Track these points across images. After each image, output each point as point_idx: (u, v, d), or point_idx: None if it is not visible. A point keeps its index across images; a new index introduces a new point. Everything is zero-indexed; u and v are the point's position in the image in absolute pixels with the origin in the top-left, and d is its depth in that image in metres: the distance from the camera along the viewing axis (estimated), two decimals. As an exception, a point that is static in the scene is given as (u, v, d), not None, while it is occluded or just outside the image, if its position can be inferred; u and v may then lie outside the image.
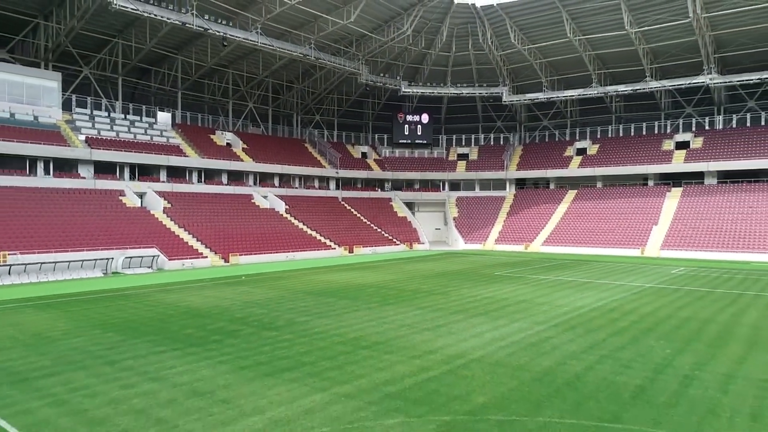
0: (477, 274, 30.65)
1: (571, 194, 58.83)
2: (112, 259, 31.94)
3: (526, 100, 61.15)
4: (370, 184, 64.76)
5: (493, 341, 14.45)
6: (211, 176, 51.15)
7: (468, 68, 62.36)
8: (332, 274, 31.06)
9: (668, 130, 59.88)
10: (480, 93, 62.80)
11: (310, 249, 44.47)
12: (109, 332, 15.76)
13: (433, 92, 62.54)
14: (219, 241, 40.17)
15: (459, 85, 63.29)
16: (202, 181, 50.07)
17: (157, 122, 50.80)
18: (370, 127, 70.85)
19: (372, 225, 55.42)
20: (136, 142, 46.26)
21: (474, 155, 67.00)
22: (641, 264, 37.12)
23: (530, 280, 27.81)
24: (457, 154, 67.70)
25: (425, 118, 67.27)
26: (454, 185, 65.33)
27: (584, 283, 26.53)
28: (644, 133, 61.24)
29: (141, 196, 43.15)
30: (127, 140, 45.83)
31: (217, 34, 43.86)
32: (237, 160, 52.23)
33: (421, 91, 62.17)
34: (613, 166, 57.57)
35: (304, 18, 47.59)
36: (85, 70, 48.08)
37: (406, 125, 67.18)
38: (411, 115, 67.30)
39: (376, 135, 70.22)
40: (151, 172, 47.01)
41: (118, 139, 45.35)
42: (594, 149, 61.43)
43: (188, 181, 48.65)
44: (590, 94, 58.03)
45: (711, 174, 53.26)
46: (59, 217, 35.50)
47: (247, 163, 52.87)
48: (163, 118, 51.60)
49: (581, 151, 62.03)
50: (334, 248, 46.46)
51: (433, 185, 65.71)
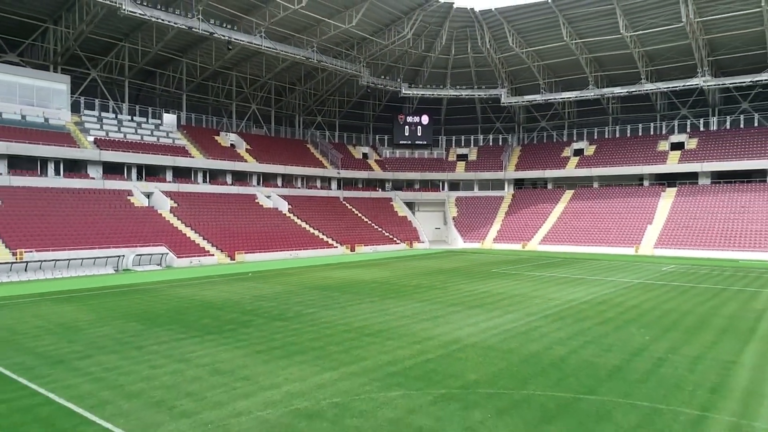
0: (475, 271, 31.84)
1: (569, 194, 59.99)
2: (123, 256, 33.13)
3: (524, 102, 62.35)
4: (371, 184, 65.95)
5: (486, 330, 15.64)
6: (215, 176, 52.34)
7: (467, 70, 63.56)
8: (335, 271, 32.25)
9: (663, 131, 61.07)
10: (479, 95, 63.99)
11: (313, 247, 45.66)
12: (131, 322, 16.95)
13: (433, 94, 63.77)
14: (225, 239, 41.37)
15: (458, 87, 64.49)
16: (207, 181, 51.27)
17: (162, 123, 52.00)
18: (371, 128, 72.03)
19: (373, 224, 56.60)
20: (143, 143, 47.46)
21: (473, 156, 68.19)
22: (634, 262, 38.29)
23: (525, 277, 29.00)
24: (457, 155, 68.90)
25: (425, 119, 68.47)
26: (454, 185, 66.52)
27: (577, 279, 27.71)
28: (640, 134, 62.40)
29: (148, 195, 44.33)
30: (135, 141, 47.03)
31: (223, 38, 45.06)
32: (241, 161, 53.42)
33: (421, 93, 63.40)
34: (610, 167, 58.74)
35: (306, 22, 48.78)
36: (93, 73, 49.25)
37: (407, 126, 68.39)
38: (411, 117, 68.51)
39: (377, 136, 71.41)
40: (157, 172, 48.19)
41: (126, 141, 46.54)
42: (591, 150, 62.59)
43: (194, 182, 49.84)
44: (587, 96, 59.21)
45: (705, 174, 54.41)
46: (71, 216, 36.70)
47: (251, 164, 54.06)
48: (169, 120, 52.80)
49: (578, 152, 63.18)
50: (337, 247, 47.65)
51: (432, 185, 66.90)
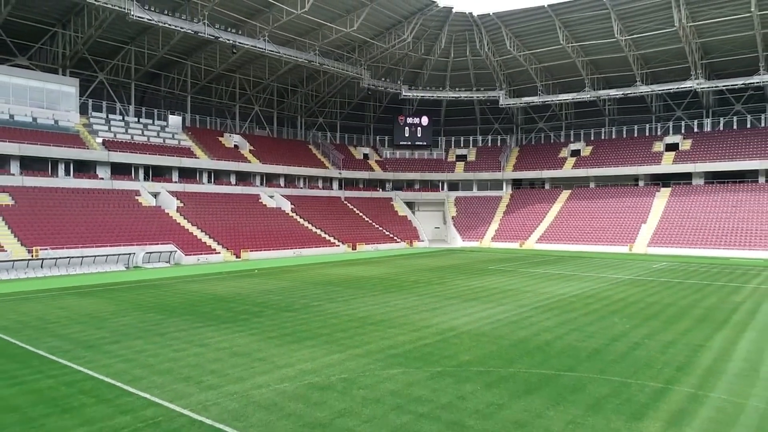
0: (472, 268, 33.09)
1: (565, 194, 61.22)
2: (133, 254, 34.39)
3: (522, 104, 63.61)
4: (371, 185, 67.20)
5: (480, 319, 16.89)
6: (219, 177, 53.58)
7: (466, 73, 64.81)
8: (338, 268, 33.50)
9: (659, 133, 62.30)
10: (478, 96, 65.24)
11: (316, 246, 46.91)
12: (150, 313, 18.20)
13: (433, 96, 65.04)
14: (230, 238, 42.61)
15: (457, 89, 65.75)
16: (212, 181, 52.51)
17: (168, 125, 53.26)
18: (372, 129, 73.26)
19: (374, 224, 57.85)
20: (149, 144, 48.71)
21: (472, 156, 69.44)
22: (627, 260, 39.53)
23: (521, 273, 30.24)
24: (456, 156, 70.15)
25: (425, 120, 69.74)
26: (453, 185, 67.76)
27: (570, 276, 28.95)
28: (636, 135, 63.61)
29: (155, 195, 45.58)
30: (142, 143, 48.28)
31: (227, 42, 46.32)
32: (244, 162, 54.67)
33: (421, 95, 64.67)
34: (606, 167, 59.98)
35: (309, 26, 49.99)
36: (101, 76, 50.49)
37: (407, 127, 69.66)
38: (411, 118, 69.77)
39: (378, 137, 72.65)
40: (163, 172, 49.42)
41: (133, 142, 47.79)
42: (587, 151, 63.82)
43: (199, 182, 51.09)
44: (583, 98, 60.44)
45: (698, 175, 55.62)
46: (81, 216, 37.96)
47: (254, 165, 55.31)
48: (174, 121, 54.04)
49: (575, 153, 64.41)
50: (338, 245, 48.91)
51: (432, 185, 68.15)
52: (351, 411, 9.03)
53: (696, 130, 60.30)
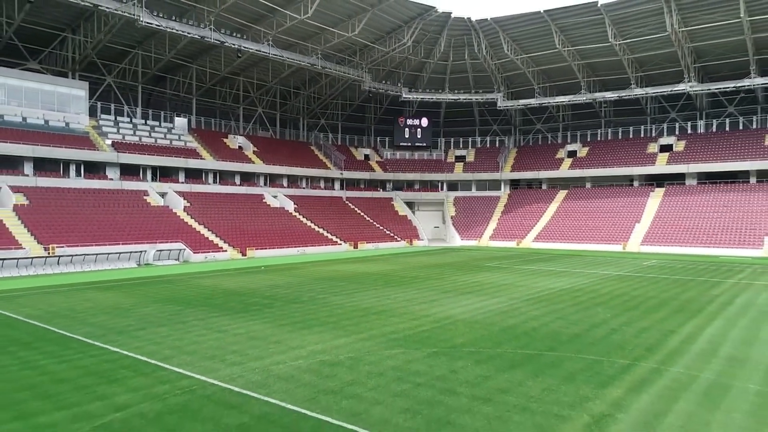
0: (469, 265, 34.52)
1: (562, 194, 62.65)
2: (144, 251, 35.83)
3: (520, 106, 65.06)
4: (372, 185, 68.65)
5: (474, 309, 18.32)
6: (224, 177, 55.02)
7: (465, 76, 66.25)
8: (340, 266, 34.93)
9: (653, 134, 63.72)
10: (476, 99, 66.66)
11: (319, 244, 48.35)
12: (168, 305, 19.64)
13: (432, 98, 66.49)
14: (236, 236, 44.04)
15: (456, 92, 67.19)
16: (217, 181, 53.97)
17: (174, 127, 54.72)
18: (373, 130, 74.71)
19: (375, 223, 59.28)
20: (156, 145, 50.16)
21: (471, 157, 70.88)
22: (620, 258, 40.95)
23: (515, 270, 31.67)
24: (455, 156, 71.61)
25: (425, 122, 71.20)
26: (452, 186, 69.21)
27: (562, 272, 30.37)
28: (631, 136, 65.02)
29: (163, 195, 47.01)
30: (149, 144, 49.73)
31: (233, 46, 47.77)
32: (248, 163, 56.13)
33: (421, 97, 66.13)
34: (602, 168, 61.40)
35: (312, 30, 51.40)
36: (108, 79, 51.90)
37: (407, 129, 71.12)
38: (411, 119, 71.24)
39: (378, 138, 74.10)
40: (170, 173, 50.88)
41: (141, 143, 49.23)
42: (584, 152, 65.24)
43: (204, 182, 52.54)
44: (579, 100, 61.86)
45: (691, 175, 57.01)
46: (93, 215, 39.40)
47: (258, 165, 56.76)
48: (180, 123, 55.51)
49: (572, 154, 65.83)
50: (340, 244, 50.34)
51: (432, 186, 69.60)
52: (358, 381, 10.47)
53: (690, 132, 61.71)
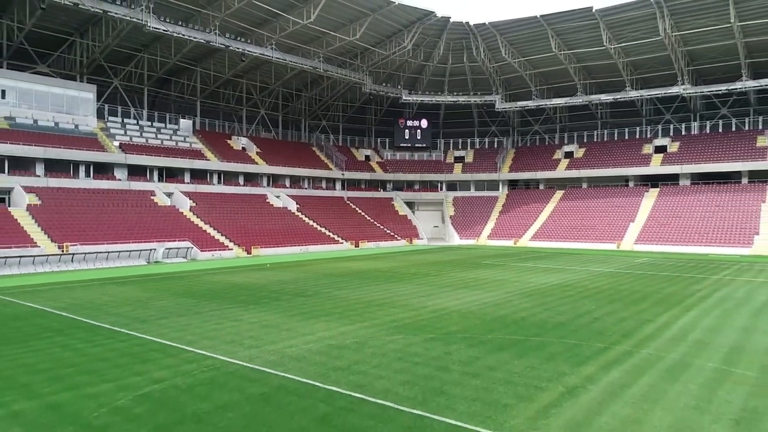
0: (467, 263, 35.85)
1: (559, 194, 63.97)
2: (154, 250, 37.15)
3: (518, 107, 66.40)
4: (373, 185, 70.00)
5: (469, 302, 19.66)
6: (228, 178, 56.36)
7: (463, 78, 67.62)
8: (343, 263, 36.27)
9: (648, 135, 65.05)
10: (475, 101, 68.00)
11: (321, 243, 49.68)
12: (183, 298, 20.97)
13: (432, 100, 67.85)
14: (241, 235, 45.37)
15: (455, 94, 68.55)
16: (221, 182, 55.30)
17: (180, 128, 56.07)
18: (373, 131, 76.06)
19: (375, 222, 60.61)
20: (163, 147, 51.50)
21: (470, 158, 72.23)
22: (613, 256, 42.27)
23: (511, 267, 33.00)
24: (454, 157, 72.97)
25: (424, 123, 72.58)
26: (451, 186, 70.56)
27: (555, 269, 31.70)
28: (626, 137, 66.35)
29: (169, 195, 48.35)
30: (156, 146, 51.07)
31: (237, 50, 49.12)
32: (252, 163, 57.47)
33: (421, 99, 67.48)
34: (598, 169, 62.77)
35: (314, 34, 52.76)
36: (115, 81, 53.23)
37: (407, 130, 72.50)
38: (411, 121, 72.60)
39: (379, 139, 75.46)
40: (176, 174, 52.21)
41: (148, 145, 50.57)
42: (580, 153, 66.58)
43: (209, 182, 53.88)
44: (576, 102, 63.19)
45: (685, 176, 58.35)
46: (103, 214, 40.73)
47: (261, 166, 58.09)
48: (185, 125, 56.86)
49: (569, 155, 67.15)
50: (342, 243, 51.68)
51: (431, 186, 70.96)
52: (363, 360, 11.81)
53: (684, 133, 63.04)
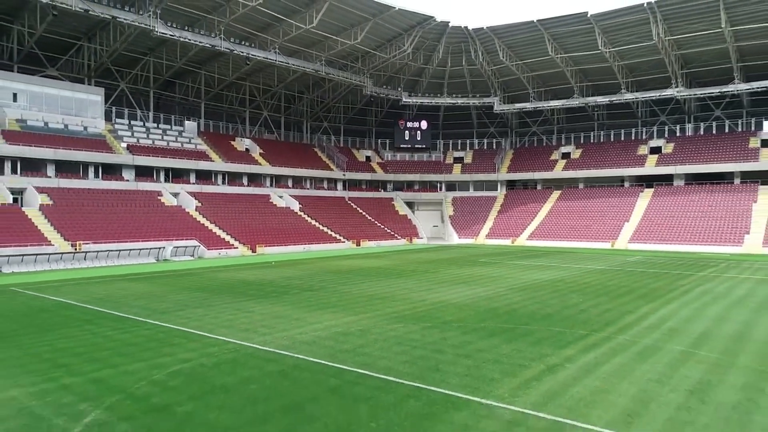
0: (464, 261, 37.15)
1: (556, 194, 65.28)
2: (162, 248, 38.46)
3: (516, 109, 67.67)
4: (373, 185, 71.33)
5: (464, 296, 20.97)
6: (233, 178, 57.66)
7: (462, 80, 68.95)
8: (345, 261, 37.58)
9: (644, 137, 66.34)
10: (474, 102, 69.34)
11: (323, 242, 51.00)
12: (195, 292, 22.28)
13: (431, 102, 69.18)
14: (245, 234, 46.68)
15: (455, 96, 69.89)
16: (226, 182, 56.61)
17: (185, 130, 57.37)
18: (374, 132, 77.39)
19: (376, 222, 61.93)
20: (169, 148, 52.82)
21: (469, 159, 73.55)
22: (607, 254, 43.58)
23: (506, 265, 34.30)
24: (453, 158, 74.30)
25: (424, 124, 73.92)
26: (451, 186, 71.88)
27: (549, 266, 33.00)
28: (622, 138, 67.66)
29: (175, 195, 49.64)
30: (162, 147, 52.39)
31: (242, 54, 50.43)
32: (255, 164, 58.78)
33: (420, 101, 68.81)
34: (594, 169, 64.08)
35: (316, 38, 54.04)
36: (122, 84, 54.55)
37: (407, 131, 73.84)
38: (411, 122, 73.94)
39: (379, 140, 76.78)
40: (182, 174, 53.52)
41: (154, 146, 51.88)
42: (577, 153, 67.89)
43: (214, 183, 55.19)
44: (573, 104, 64.51)
45: (679, 176, 59.64)
46: (113, 214, 42.05)
47: (264, 167, 59.41)
48: (190, 127, 58.17)
49: (566, 155, 68.46)
50: (344, 242, 53.00)
51: (431, 186, 72.30)
52: (367, 345, 13.13)
53: (678, 135, 64.30)
